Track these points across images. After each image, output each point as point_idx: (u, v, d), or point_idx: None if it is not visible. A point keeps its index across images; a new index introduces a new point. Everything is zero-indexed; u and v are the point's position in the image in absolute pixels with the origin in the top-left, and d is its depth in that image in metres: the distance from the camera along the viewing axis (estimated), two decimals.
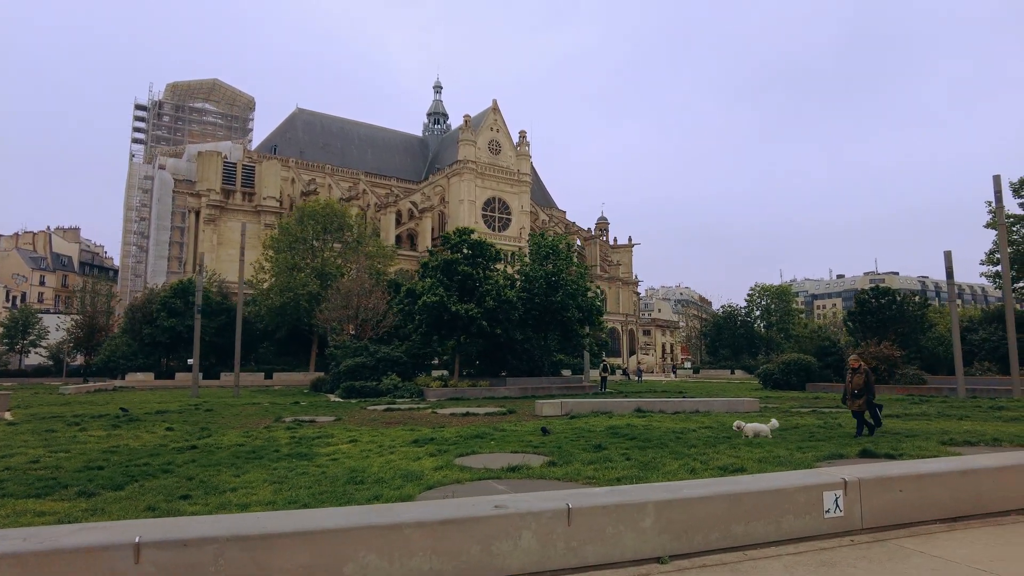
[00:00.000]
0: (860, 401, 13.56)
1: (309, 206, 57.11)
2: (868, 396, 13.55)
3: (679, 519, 5.34)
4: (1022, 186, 37.08)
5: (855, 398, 13.65)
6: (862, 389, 13.54)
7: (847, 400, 13.92)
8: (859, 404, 13.60)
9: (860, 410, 13.62)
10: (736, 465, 9.63)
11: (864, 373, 13.74)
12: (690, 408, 21.93)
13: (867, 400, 13.55)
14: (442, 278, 33.06)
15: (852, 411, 13.94)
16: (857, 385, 13.65)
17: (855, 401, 13.65)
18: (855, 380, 13.73)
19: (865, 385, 13.58)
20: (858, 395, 13.58)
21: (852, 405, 13.78)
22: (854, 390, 13.69)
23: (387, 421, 19.17)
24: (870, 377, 13.83)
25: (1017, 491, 6.70)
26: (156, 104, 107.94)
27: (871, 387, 13.72)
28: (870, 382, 13.71)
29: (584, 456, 11.14)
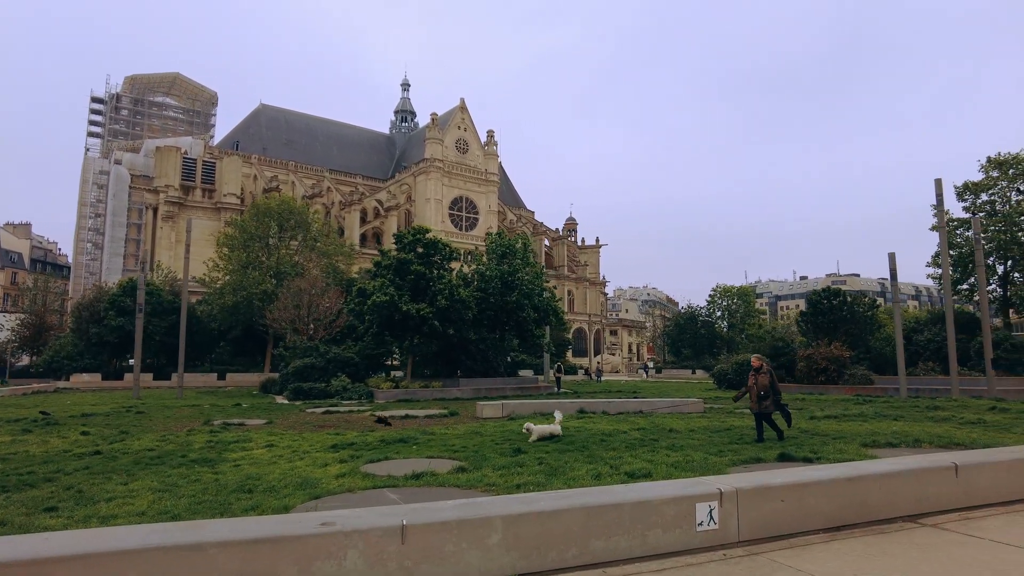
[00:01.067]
0: (767, 402, 12.87)
1: (265, 202, 55.82)
2: (775, 397, 12.99)
3: (531, 535, 4.94)
4: (966, 190, 37.91)
5: (761, 400, 12.93)
6: (767, 390, 12.91)
7: (751, 402, 13.19)
8: (766, 406, 12.92)
9: (766, 412, 12.96)
10: (645, 470, 9.31)
11: (768, 373, 13.09)
12: (633, 409, 21.70)
13: (774, 401, 12.98)
14: (394, 277, 32.45)
15: (754, 413, 13.28)
16: (763, 386, 12.91)
17: (761, 403, 12.94)
18: (760, 381, 12.98)
19: (770, 386, 12.94)
20: (764, 396, 12.89)
21: (757, 407, 13.06)
22: (760, 391, 12.95)
23: (319, 424, 18.55)
24: (775, 377, 13.23)
25: (905, 497, 6.45)
26: (114, 97, 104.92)
27: (776, 387, 13.12)
28: (775, 382, 13.11)
29: (498, 461, 10.73)
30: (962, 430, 14.70)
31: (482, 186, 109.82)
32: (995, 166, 37.56)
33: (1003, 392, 26.01)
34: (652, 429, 15.31)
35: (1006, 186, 37.20)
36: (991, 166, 37.73)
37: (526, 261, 38.72)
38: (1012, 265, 36.61)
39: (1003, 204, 37.02)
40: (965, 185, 38.11)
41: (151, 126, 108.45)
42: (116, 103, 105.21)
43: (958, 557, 5.28)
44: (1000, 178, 37.21)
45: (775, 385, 13.02)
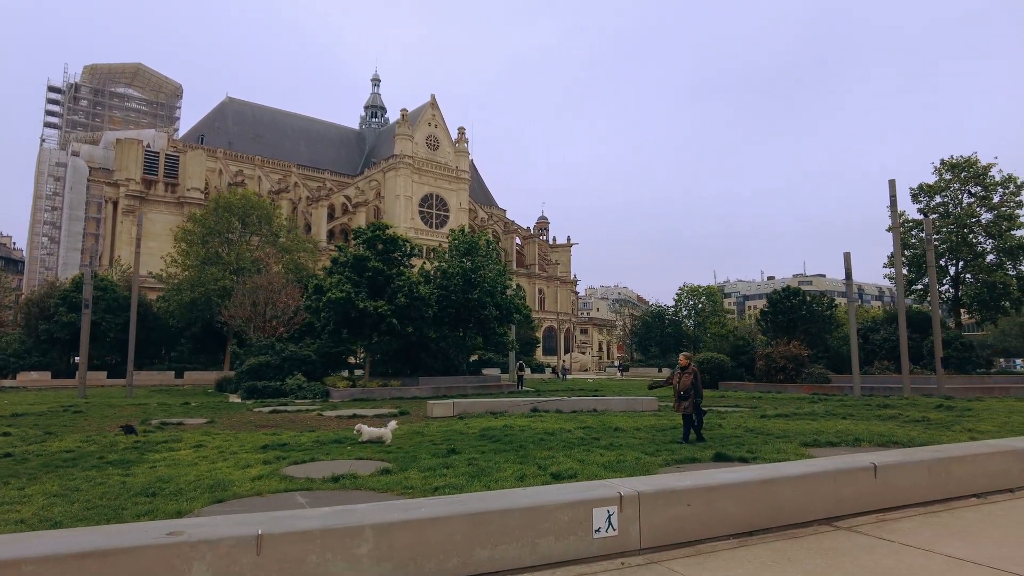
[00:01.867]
0: (686, 403, 12.54)
1: (225, 197, 54.52)
2: (695, 399, 12.60)
3: (406, 544, 4.55)
4: (920, 192, 38.54)
5: (681, 400, 12.63)
6: (688, 391, 12.56)
7: (674, 401, 13.01)
8: (684, 406, 12.59)
9: (688, 412, 12.66)
10: (571, 471, 9.00)
11: (693, 374, 12.72)
12: (587, 407, 21.47)
13: (693, 403, 12.55)
14: (351, 274, 31.79)
15: (682, 414, 12.97)
16: (684, 386, 12.57)
17: (680, 403, 12.66)
18: (683, 380, 12.65)
19: (692, 386, 12.58)
20: (683, 396, 12.57)
21: (679, 408, 12.78)
22: (680, 391, 12.65)
23: (261, 424, 17.95)
24: (698, 378, 12.85)
25: (821, 499, 6.22)
26: (72, 87, 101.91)
27: (698, 388, 12.73)
28: (697, 383, 12.74)
29: (428, 462, 10.33)
30: (904, 428, 14.71)
31: (452, 183, 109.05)
32: (948, 168, 38.26)
33: (952, 390, 26.38)
34: (598, 428, 15.05)
35: (958, 188, 37.94)
36: (944, 168, 38.42)
37: (489, 258, 38.34)
38: (964, 266, 37.34)
39: (955, 206, 37.74)
40: (920, 187, 38.74)
41: (112, 118, 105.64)
42: (75, 93, 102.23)
43: (864, 563, 5.04)
44: (952, 180, 37.93)
45: (697, 386, 12.65)
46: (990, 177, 37.18)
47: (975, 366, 31.93)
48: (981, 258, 36.64)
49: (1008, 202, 36.38)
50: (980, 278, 36.09)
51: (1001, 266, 36.28)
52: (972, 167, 37.32)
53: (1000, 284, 34.95)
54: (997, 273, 35.46)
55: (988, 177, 37.13)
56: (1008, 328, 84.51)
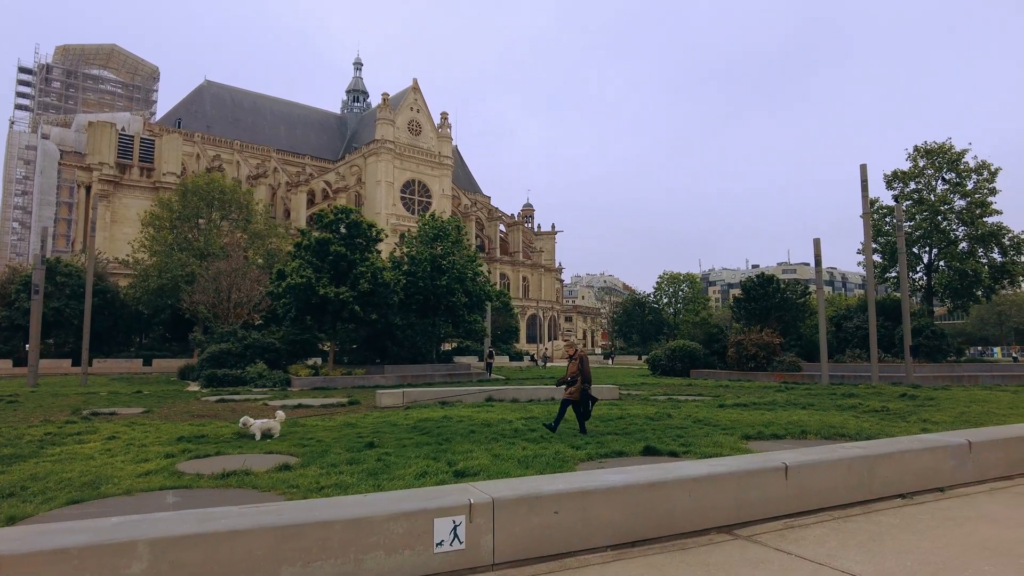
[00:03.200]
0: (573, 389, 11.98)
1: (194, 181, 53.20)
2: (584, 385, 11.99)
3: (196, 562, 3.83)
4: (894, 179, 38.01)
5: (569, 385, 12.08)
6: (574, 376, 11.98)
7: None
8: (571, 391, 12.03)
9: (575, 398, 12.06)
10: (479, 468, 8.30)
11: (579, 359, 12.08)
12: (544, 396, 20.83)
13: (579, 390, 11.98)
14: (312, 259, 30.90)
15: (563, 400, 12.39)
16: (571, 373, 12.05)
17: (567, 389, 12.13)
18: (570, 368, 12.13)
19: (578, 371, 11.98)
20: (571, 382, 12.01)
21: (565, 393, 12.23)
22: (567, 377, 12.11)
23: (197, 414, 17.17)
24: (585, 365, 12.13)
25: (721, 504, 5.55)
26: (44, 68, 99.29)
27: (586, 373, 12.08)
28: (584, 370, 12.05)
29: (337, 457, 9.61)
30: (859, 419, 14.16)
31: (435, 169, 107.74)
32: (922, 155, 37.73)
33: (922, 378, 26.00)
34: (541, 417, 14.40)
35: (932, 175, 37.45)
36: (918, 155, 37.90)
37: (459, 244, 37.52)
38: (937, 254, 36.94)
39: (929, 193, 37.26)
40: (894, 173, 38.18)
41: (86, 100, 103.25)
42: (47, 74, 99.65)
43: None
44: (927, 167, 37.42)
45: (585, 373, 12.03)
46: (964, 163, 36.74)
47: (945, 354, 31.60)
48: (954, 245, 36.25)
49: (981, 189, 35.98)
50: (953, 266, 35.71)
51: (973, 253, 35.92)
52: (946, 153, 36.84)
53: (971, 272, 34.59)
54: (969, 261, 35.08)
55: (962, 163, 36.69)
56: (986, 316, 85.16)
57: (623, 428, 12.60)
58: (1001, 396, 19.74)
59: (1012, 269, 35.14)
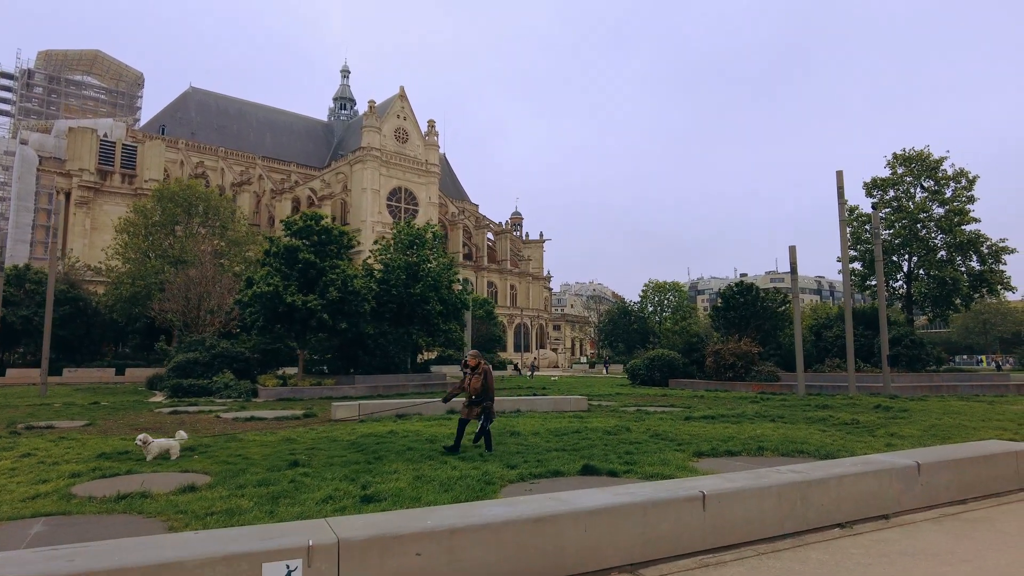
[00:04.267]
0: (478, 408, 10.83)
1: (170, 187, 52.36)
2: (487, 402, 10.90)
3: None
4: (874, 186, 37.68)
5: (472, 405, 10.90)
6: (480, 394, 10.82)
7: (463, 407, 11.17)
8: (475, 412, 10.89)
9: (474, 418, 10.96)
10: (394, 492, 7.61)
11: (483, 373, 10.94)
12: (510, 408, 20.12)
13: (485, 408, 10.87)
14: (280, 266, 30.13)
15: (460, 419, 11.14)
16: (474, 389, 10.86)
17: (472, 409, 10.90)
18: (472, 382, 10.92)
19: (483, 389, 10.84)
20: (476, 401, 10.87)
21: (468, 413, 10.95)
22: (471, 395, 10.91)
23: (144, 427, 16.33)
24: (488, 380, 10.94)
25: (623, 540, 4.89)
26: (25, 73, 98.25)
27: (489, 390, 10.89)
28: (488, 385, 10.88)
29: (251, 477, 8.90)
30: (824, 434, 13.55)
31: (422, 177, 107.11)
32: (901, 162, 37.44)
33: (900, 388, 25.48)
34: (494, 434, 13.66)
35: (911, 182, 37.12)
36: (897, 162, 37.62)
37: (436, 251, 36.85)
38: (917, 262, 36.57)
39: (907, 200, 36.90)
40: (873, 181, 37.85)
41: (69, 106, 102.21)
42: (28, 80, 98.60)
43: None
44: (905, 174, 37.11)
45: (488, 389, 10.87)
46: (942, 171, 36.46)
47: (925, 363, 31.13)
48: (932, 253, 35.89)
49: (959, 196, 35.67)
50: (932, 274, 35.34)
51: (951, 262, 35.56)
52: (924, 160, 36.56)
53: (950, 280, 34.22)
54: (947, 269, 34.70)
55: (940, 171, 36.41)
56: (971, 325, 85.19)
57: (573, 444, 11.93)
58: (976, 407, 19.21)
59: (990, 278, 34.83)
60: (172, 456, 11.01)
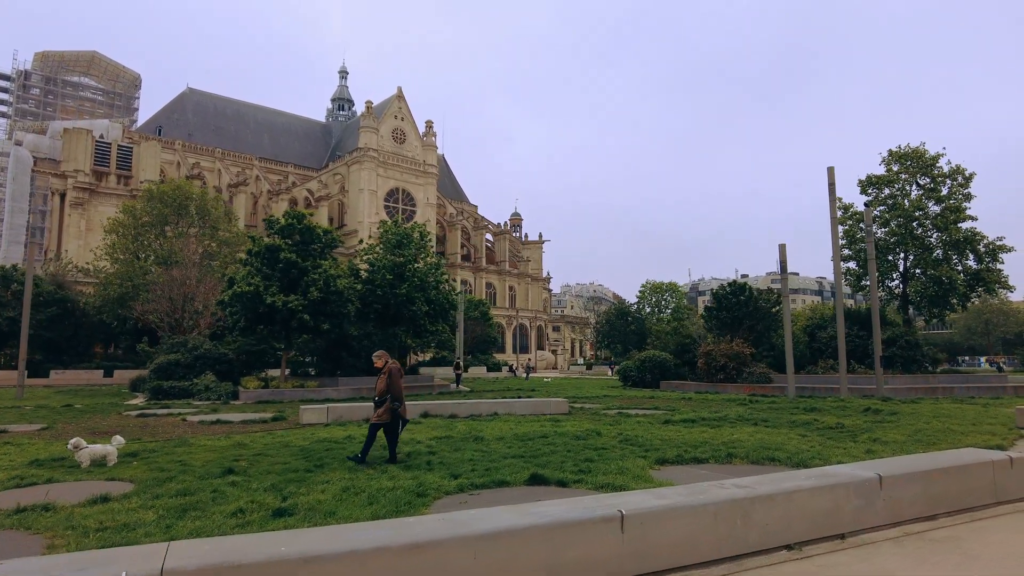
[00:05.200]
0: (381, 410, 10.00)
1: (159, 187, 51.85)
2: (393, 403, 9.95)
3: None
4: (869, 184, 36.85)
5: (377, 406, 10.10)
6: (383, 395, 10.02)
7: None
8: (379, 415, 10.05)
9: (385, 420, 10.09)
10: (311, 504, 6.98)
11: (387, 373, 10.14)
12: (487, 411, 19.52)
13: (388, 409, 9.97)
14: (261, 266, 29.56)
15: (372, 424, 10.25)
16: (379, 391, 10.11)
17: (381, 412, 10.05)
18: (378, 384, 10.20)
19: (387, 391, 10.01)
20: (379, 403, 10.06)
21: (377, 417, 10.08)
22: (376, 396, 10.17)
23: (104, 431, 15.74)
24: (394, 381, 10.10)
25: (521, 569, 4.24)
26: (22, 74, 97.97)
27: (396, 391, 10.04)
28: (394, 386, 10.03)
29: (175, 487, 8.29)
30: (804, 439, 12.88)
31: (420, 177, 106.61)
32: (896, 159, 36.63)
33: (893, 390, 24.76)
34: (456, 438, 13.06)
35: (906, 179, 36.27)
36: (892, 159, 36.81)
37: (423, 251, 36.24)
38: (913, 260, 35.72)
39: (903, 198, 36.04)
40: (868, 178, 37.04)
41: (66, 107, 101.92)
42: (25, 81, 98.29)
43: None
44: (901, 171, 36.27)
45: (395, 390, 10.04)
46: (938, 168, 35.59)
47: (921, 365, 30.37)
48: (928, 252, 35.04)
49: (956, 194, 34.84)
50: (929, 273, 34.50)
51: (948, 260, 34.70)
52: (920, 158, 35.72)
53: (946, 279, 33.37)
54: (943, 268, 33.85)
55: (936, 168, 35.57)
56: (973, 325, 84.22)
57: (534, 450, 11.27)
58: (968, 410, 18.51)
59: (987, 277, 33.99)
60: (109, 463, 10.41)
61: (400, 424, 10.23)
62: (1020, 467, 6.92)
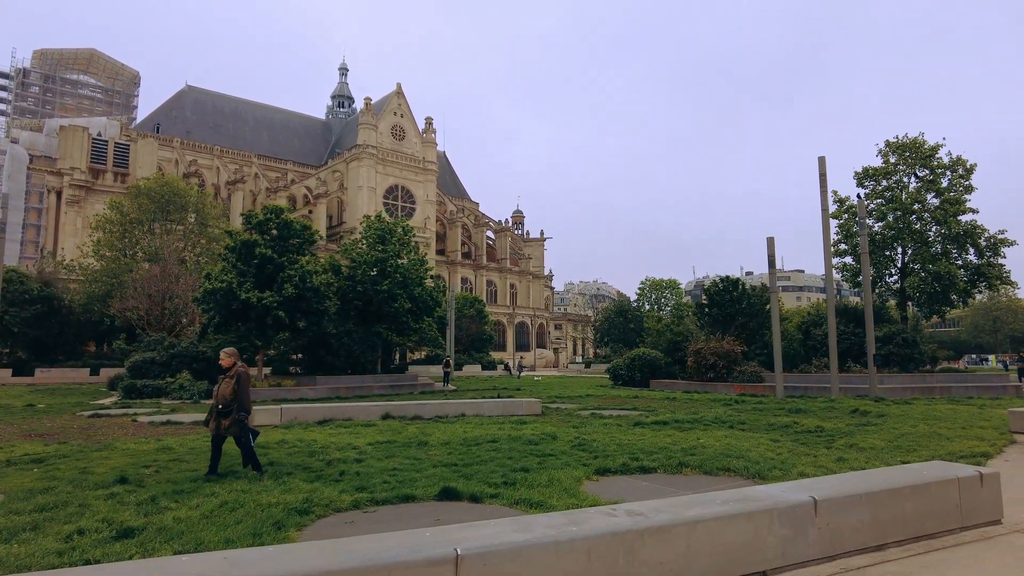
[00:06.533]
0: (227, 421, 8.65)
1: (146, 183, 51.16)
2: (239, 414, 8.69)
3: None
4: (865, 176, 35.43)
5: (220, 416, 8.69)
6: (229, 402, 8.69)
7: (208, 420, 8.96)
8: (224, 426, 8.68)
9: (227, 433, 8.76)
10: (158, 525, 6.03)
11: (235, 377, 8.85)
12: (455, 412, 18.58)
13: (235, 420, 8.65)
14: (236, 261, 28.73)
15: (212, 436, 8.92)
16: (223, 396, 8.74)
17: (219, 421, 8.70)
18: (222, 388, 8.83)
19: (234, 396, 8.71)
20: (223, 412, 8.67)
21: (214, 428, 8.77)
22: (218, 404, 8.76)
23: (38, 433, 14.98)
24: (242, 386, 8.81)
25: None
26: (20, 72, 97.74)
27: (243, 399, 8.75)
28: (242, 391, 8.76)
29: (47, 500, 7.40)
30: (777, 443, 11.86)
31: (419, 174, 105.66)
32: (893, 150, 35.14)
33: (888, 390, 23.61)
34: (399, 444, 12.10)
35: (904, 171, 34.84)
36: (890, 150, 35.28)
37: (407, 246, 35.29)
38: (912, 255, 34.32)
39: (900, 190, 34.64)
40: (864, 171, 35.54)
41: (65, 105, 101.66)
42: (23, 78, 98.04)
43: None
44: (898, 163, 34.83)
45: (242, 395, 8.73)
46: (937, 159, 34.15)
47: (919, 363, 29.13)
48: (927, 247, 33.63)
49: (956, 186, 33.43)
50: (928, 268, 33.10)
51: (947, 255, 33.29)
52: (919, 148, 34.27)
53: (945, 274, 31.95)
54: (942, 262, 32.43)
55: (936, 159, 34.14)
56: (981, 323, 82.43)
57: (471, 458, 10.27)
58: (962, 412, 17.38)
59: (988, 272, 32.59)
60: None
61: (249, 435, 8.87)
62: (991, 485, 5.90)
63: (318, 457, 10.33)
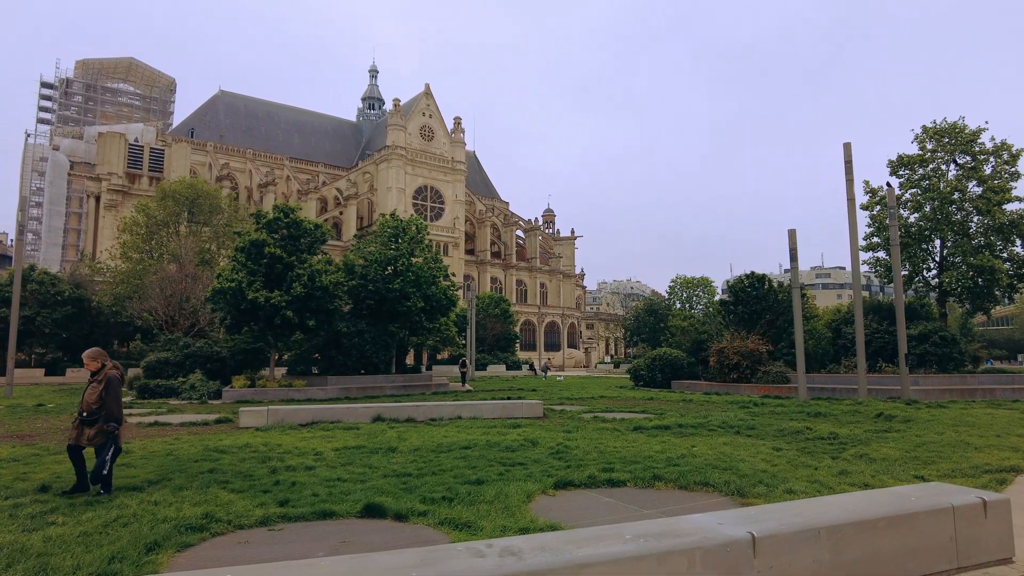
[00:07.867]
0: (92, 431, 7.59)
1: (172, 186, 51.81)
2: (108, 424, 7.64)
3: None
4: (900, 164, 33.09)
5: (84, 425, 7.63)
6: (95, 410, 7.63)
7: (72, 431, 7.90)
8: (89, 436, 7.60)
9: (89, 444, 7.66)
10: (12, 545, 5.34)
11: (104, 381, 7.75)
12: (449, 414, 17.77)
13: (101, 431, 7.60)
14: (246, 261, 28.49)
15: (69, 446, 7.82)
16: (89, 403, 7.66)
17: (83, 430, 7.63)
18: (88, 395, 7.74)
19: (101, 403, 7.64)
20: (89, 420, 7.60)
21: (76, 437, 7.71)
22: (82, 412, 7.66)
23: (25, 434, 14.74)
24: (114, 388, 7.76)
25: None
26: (64, 82, 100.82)
27: (113, 408, 7.69)
28: (112, 398, 7.68)
29: None
30: (777, 453, 10.72)
31: (448, 175, 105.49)
32: (930, 136, 32.72)
33: (923, 392, 21.96)
34: (368, 449, 11.32)
35: (943, 158, 32.48)
36: (927, 136, 32.86)
37: (420, 245, 34.68)
38: (951, 248, 31.95)
39: (939, 179, 32.29)
40: (899, 159, 33.21)
41: (105, 113, 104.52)
42: (67, 88, 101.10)
43: None
44: (936, 149, 32.44)
45: (111, 403, 7.66)
46: (980, 144, 31.81)
47: (959, 363, 27.14)
48: (968, 238, 31.30)
49: (1000, 173, 31.05)
50: (969, 262, 30.76)
51: (991, 247, 30.88)
52: (959, 134, 31.89)
53: (988, 268, 29.60)
54: (984, 255, 30.04)
55: (978, 144, 31.79)
56: None
57: (430, 467, 9.41)
58: (1001, 416, 15.82)
59: None
60: None
61: (113, 449, 7.76)
62: (999, 514, 4.78)
63: (268, 464, 9.62)
